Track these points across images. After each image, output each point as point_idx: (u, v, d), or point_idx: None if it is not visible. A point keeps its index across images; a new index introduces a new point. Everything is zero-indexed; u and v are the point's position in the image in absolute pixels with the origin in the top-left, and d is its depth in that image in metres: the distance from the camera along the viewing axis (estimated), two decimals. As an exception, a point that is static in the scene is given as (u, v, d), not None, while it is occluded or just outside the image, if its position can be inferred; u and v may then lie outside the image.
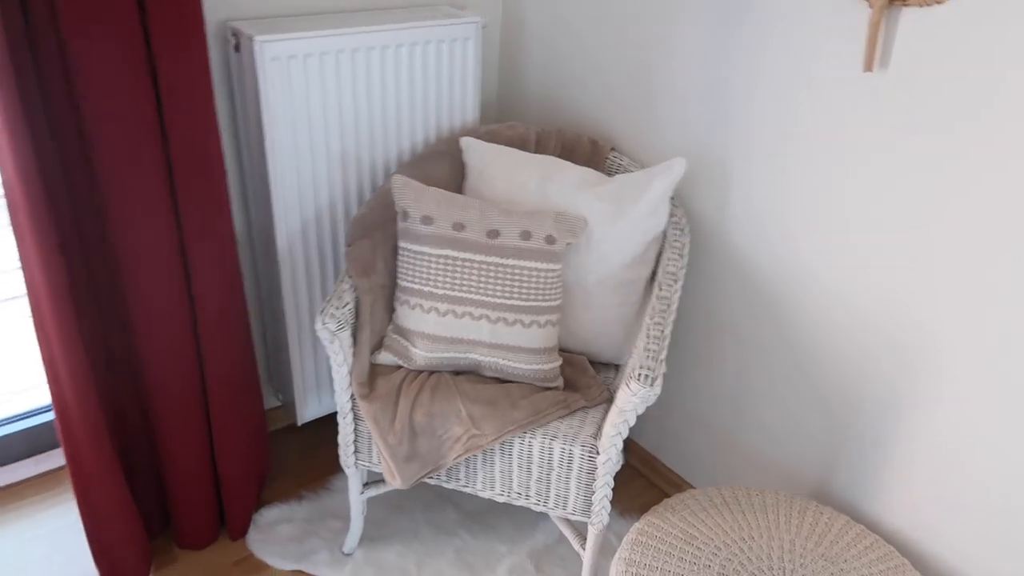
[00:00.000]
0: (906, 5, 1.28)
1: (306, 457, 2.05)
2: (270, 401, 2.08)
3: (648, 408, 2.04)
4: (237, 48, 1.64)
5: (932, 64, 1.28)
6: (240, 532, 1.80)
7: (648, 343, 1.42)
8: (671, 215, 1.69)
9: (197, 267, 1.59)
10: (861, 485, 1.59)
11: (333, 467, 2.01)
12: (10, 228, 1.42)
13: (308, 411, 1.93)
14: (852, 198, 1.45)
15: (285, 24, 1.65)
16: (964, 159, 1.27)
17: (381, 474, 1.80)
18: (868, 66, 1.34)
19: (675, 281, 1.56)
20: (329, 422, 2.16)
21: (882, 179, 1.39)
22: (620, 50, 1.80)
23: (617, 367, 1.70)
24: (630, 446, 2.12)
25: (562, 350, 1.67)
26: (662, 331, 1.44)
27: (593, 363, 1.69)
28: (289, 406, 2.01)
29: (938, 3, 1.25)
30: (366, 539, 1.79)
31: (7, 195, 1.38)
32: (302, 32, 1.60)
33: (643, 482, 2.06)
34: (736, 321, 1.74)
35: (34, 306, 1.49)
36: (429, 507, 1.89)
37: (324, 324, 1.46)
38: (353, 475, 1.65)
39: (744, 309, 1.71)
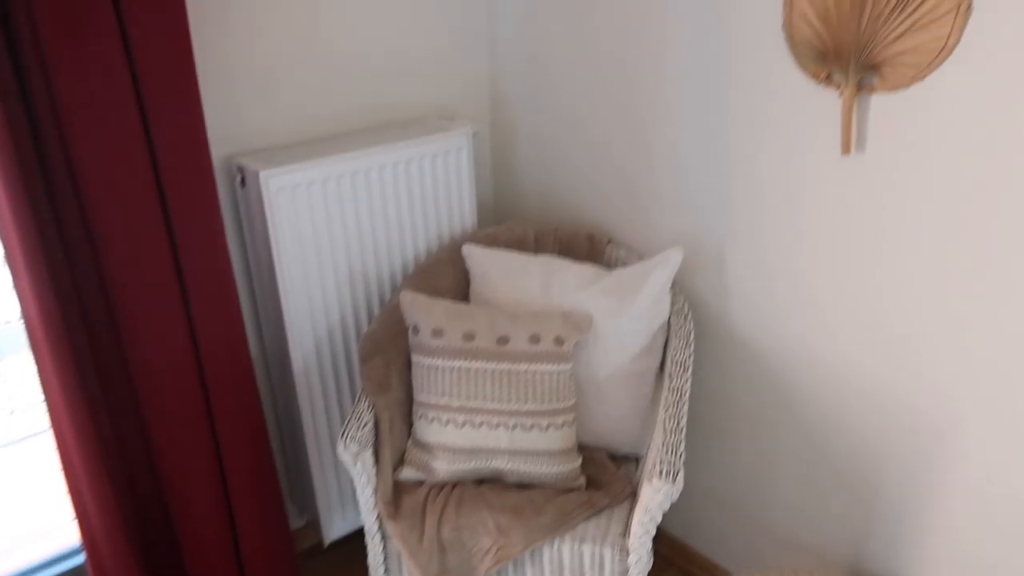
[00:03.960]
0: (874, 92, 1.35)
1: (335, 573, 2.03)
2: (295, 521, 2.07)
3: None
4: (243, 183, 1.71)
5: (905, 143, 1.33)
6: (274, 660, 1.77)
7: (666, 437, 1.43)
8: (673, 303, 1.73)
9: (215, 387, 1.62)
10: (896, 557, 1.57)
11: (363, 580, 1.99)
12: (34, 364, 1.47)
13: (334, 529, 1.93)
14: (844, 275, 1.48)
15: (287, 154, 1.73)
16: (941, 231, 1.31)
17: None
18: (845, 148, 1.39)
19: (684, 370, 1.58)
20: (357, 539, 2.15)
21: (870, 256, 1.43)
22: (609, 145, 1.87)
23: (637, 459, 1.71)
24: (658, 534, 2.09)
25: (581, 446, 1.68)
26: (677, 423, 1.46)
27: (613, 457, 1.70)
28: (315, 524, 2.00)
29: (905, 89, 1.31)
30: (402, 658, 1.76)
31: (28, 329, 1.43)
32: (303, 162, 1.67)
33: (675, 571, 2.03)
34: (748, 402, 1.75)
35: (58, 437, 1.52)
36: (463, 617, 1.86)
37: (346, 447, 1.48)
38: (385, 595, 1.64)
39: (753, 390, 1.72)
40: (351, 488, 1.94)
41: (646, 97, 1.73)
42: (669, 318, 1.70)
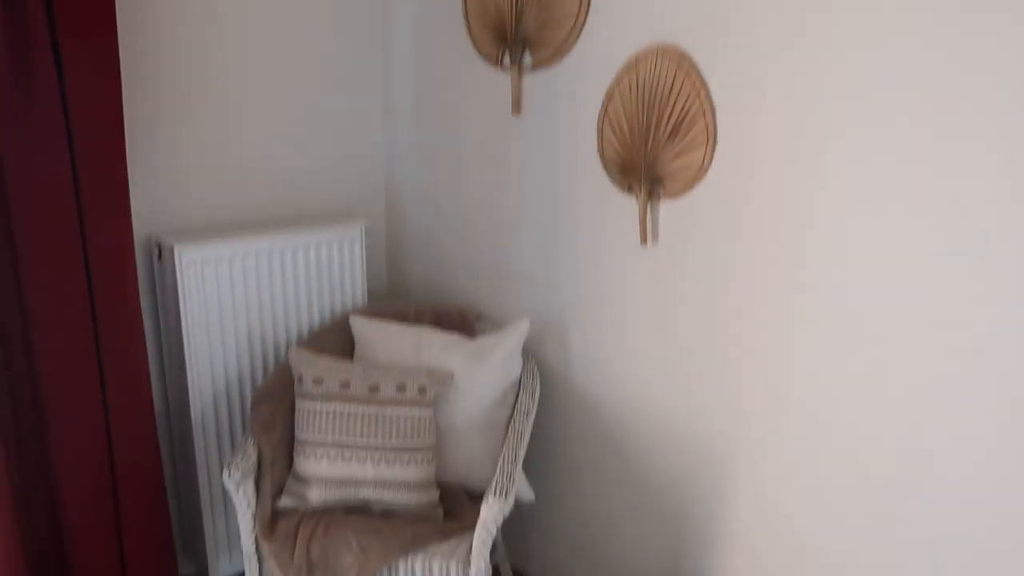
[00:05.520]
0: (661, 199, 1.79)
1: (218, 622, 2.18)
2: (184, 567, 2.24)
3: (535, 541, 2.30)
4: (160, 256, 2.01)
5: (684, 236, 1.76)
6: None
7: (503, 466, 1.74)
8: (524, 366, 2.07)
9: (118, 432, 1.84)
10: (703, 572, 1.88)
11: (243, 628, 2.15)
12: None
13: (221, 570, 2.11)
14: (652, 336, 1.87)
15: (200, 235, 2.05)
16: (712, 299, 1.72)
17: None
18: (643, 240, 1.82)
19: (527, 417, 1.91)
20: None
21: (668, 320, 1.83)
22: (479, 239, 2.27)
23: (490, 498, 1.99)
24: (520, 581, 2.35)
25: (440, 484, 1.96)
26: (514, 456, 1.77)
27: (470, 495, 1.98)
28: (202, 570, 2.17)
29: (682, 196, 1.75)
30: None
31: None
32: (212, 240, 2.00)
33: (533, 613, 2.26)
34: (590, 452, 2.08)
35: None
36: (334, 653, 2.04)
37: (230, 475, 1.72)
38: (259, 618, 1.83)
39: (594, 440, 2.06)
40: (238, 532, 2.14)
41: (506, 201, 2.15)
42: (520, 377, 2.04)
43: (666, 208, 1.79)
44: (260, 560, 1.77)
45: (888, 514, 1.51)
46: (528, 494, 2.02)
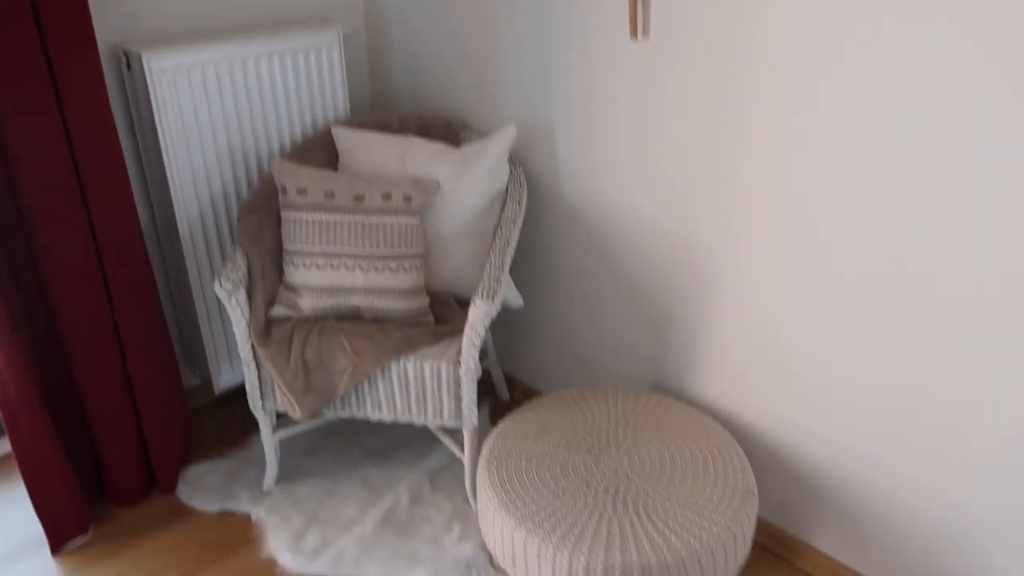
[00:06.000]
0: (652, -15, 1.66)
1: (226, 426, 2.30)
2: (190, 381, 2.33)
3: (525, 347, 2.37)
4: (128, 67, 1.91)
5: (676, 29, 1.66)
6: (169, 487, 2.05)
7: (490, 271, 1.75)
8: (512, 175, 2.04)
9: (108, 251, 1.84)
10: (686, 372, 1.95)
11: (251, 429, 2.27)
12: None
13: (223, 379, 2.19)
14: (640, 138, 1.82)
15: (170, 42, 1.94)
16: (704, 99, 1.65)
17: (292, 422, 2.08)
18: (633, 34, 1.72)
19: (513, 224, 1.90)
20: (244, 397, 2.42)
21: (656, 120, 1.77)
22: (465, 46, 2.15)
23: (481, 305, 2.03)
24: (514, 385, 2.44)
25: (430, 292, 1.99)
26: (501, 261, 1.78)
27: (459, 301, 2.01)
28: (207, 382, 2.26)
29: (673, -19, 1.63)
30: (283, 479, 2.06)
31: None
32: (182, 47, 1.89)
33: (526, 413, 2.38)
34: (576, 258, 2.09)
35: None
36: (337, 450, 2.17)
37: (221, 285, 1.74)
38: (263, 418, 1.92)
39: (580, 247, 2.06)
40: (236, 343, 2.20)
41: (492, 3, 2.02)
42: (508, 186, 2.01)
43: (658, -3, 1.67)
44: (258, 366, 1.83)
45: (874, 331, 1.53)
46: (516, 300, 2.05)
